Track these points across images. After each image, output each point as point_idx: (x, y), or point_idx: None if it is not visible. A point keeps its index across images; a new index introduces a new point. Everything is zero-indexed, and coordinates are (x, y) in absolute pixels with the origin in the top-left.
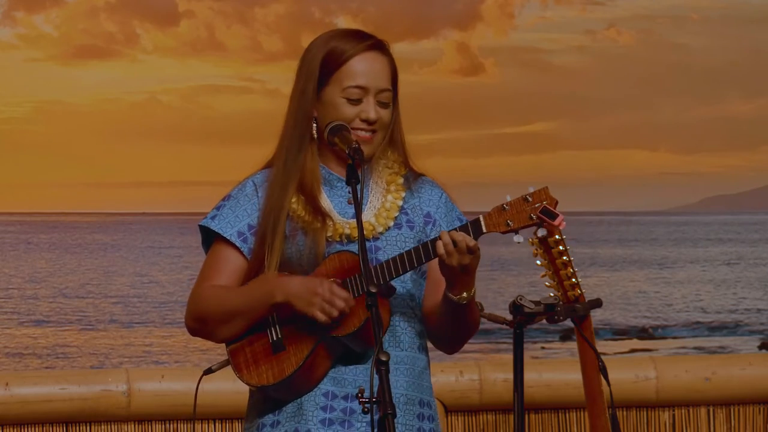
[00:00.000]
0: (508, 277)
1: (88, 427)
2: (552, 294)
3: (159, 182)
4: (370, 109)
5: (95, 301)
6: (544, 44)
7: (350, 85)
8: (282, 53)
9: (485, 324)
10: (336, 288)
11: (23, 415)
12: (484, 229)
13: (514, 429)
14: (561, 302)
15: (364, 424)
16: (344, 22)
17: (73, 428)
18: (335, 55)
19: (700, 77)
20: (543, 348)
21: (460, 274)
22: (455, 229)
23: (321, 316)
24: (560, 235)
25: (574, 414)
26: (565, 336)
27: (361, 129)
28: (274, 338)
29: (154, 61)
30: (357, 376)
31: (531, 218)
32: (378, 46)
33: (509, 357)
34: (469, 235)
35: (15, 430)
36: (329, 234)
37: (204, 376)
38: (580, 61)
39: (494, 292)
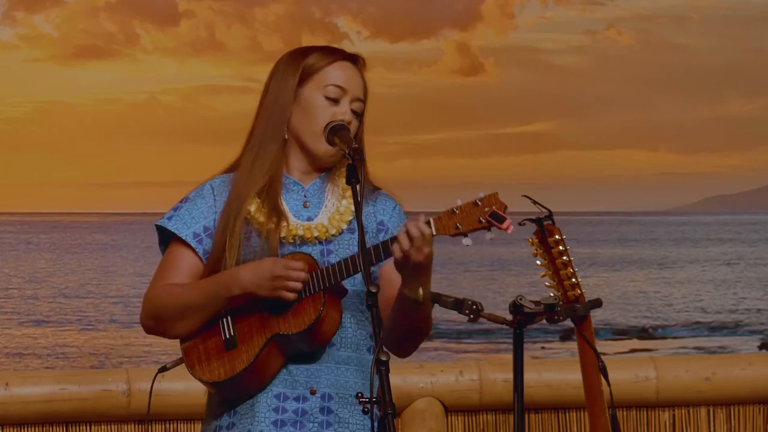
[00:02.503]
0: (508, 277)
1: (88, 427)
2: (552, 294)
3: (159, 182)
4: (346, 110)
5: (95, 301)
6: (544, 44)
7: (331, 83)
8: (282, 53)
9: (485, 324)
10: (287, 262)
11: (23, 415)
12: (434, 232)
13: (514, 429)
14: (561, 302)
15: (316, 424)
16: (344, 22)
17: (73, 428)
18: (316, 59)
19: (700, 77)
20: (543, 348)
21: (417, 271)
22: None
23: (290, 296)
24: (560, 235)
25: (574, 414)
26: (565, 336)
27: None
28: (227, 336)
29: (154, 61)
30: (309, 377)
31: (480, 222)
32: (358, 60)
33: (509, 357)
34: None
35: (15, 430)
36: (283, 235)
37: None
38: (580, 61)
39: (494, 292)
